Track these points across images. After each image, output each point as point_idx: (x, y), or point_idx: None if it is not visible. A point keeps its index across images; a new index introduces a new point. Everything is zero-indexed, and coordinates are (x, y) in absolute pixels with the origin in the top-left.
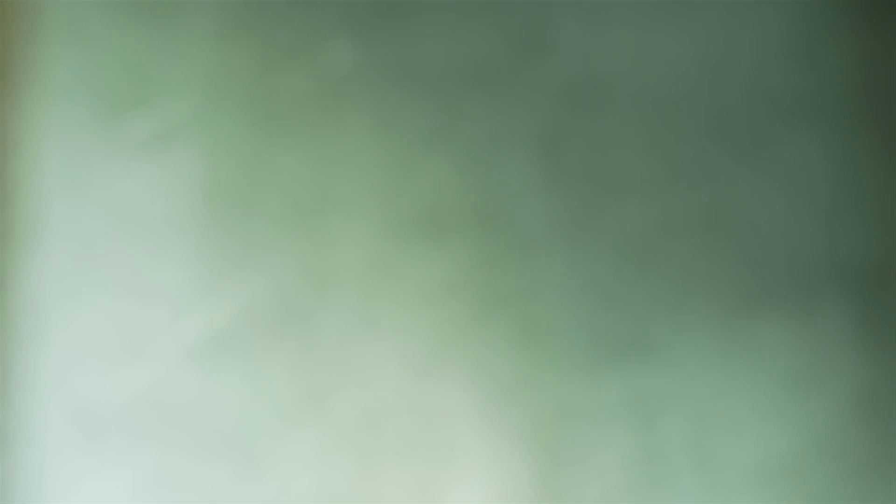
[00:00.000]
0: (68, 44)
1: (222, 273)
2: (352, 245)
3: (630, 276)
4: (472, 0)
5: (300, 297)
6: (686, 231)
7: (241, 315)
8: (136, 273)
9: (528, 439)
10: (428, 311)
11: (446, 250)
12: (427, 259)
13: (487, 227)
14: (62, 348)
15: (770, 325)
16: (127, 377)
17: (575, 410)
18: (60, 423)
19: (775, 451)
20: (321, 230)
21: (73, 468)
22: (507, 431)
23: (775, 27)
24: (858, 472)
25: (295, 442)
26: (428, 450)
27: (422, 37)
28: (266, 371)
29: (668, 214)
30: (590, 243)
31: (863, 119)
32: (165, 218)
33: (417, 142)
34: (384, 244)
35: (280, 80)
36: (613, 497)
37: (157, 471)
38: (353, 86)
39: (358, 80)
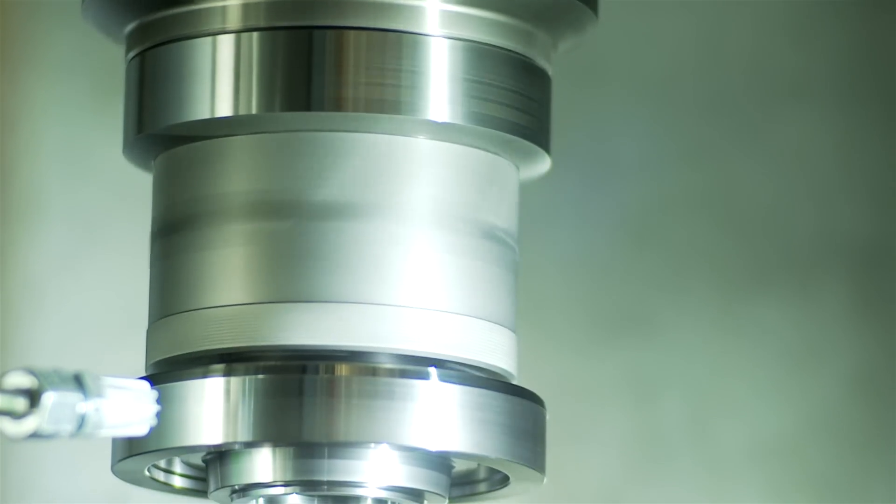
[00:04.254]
0: (67, 21)
1: None
2: None
3: (628, 255)
4: None
5: None
6: (685, 209)
7: None
8: (135, 252)
9: None
10: None
11: None
12: None
13: None
14: (61, 327)
15: (769, 303)
16: (126, 356)
17: (572, 388)
18: None
19: (773, 429)
20: None
21: (69, 448)
22: None
23: (774, 5)
24: (856, 449)
25: None
26: None
27: None
28: None
29: (666, 193)
30: (588, 222)
31: (863, 98)
32: None
33: None
34: None
35: None
36: (611, 475)
37: None
38: None
39: None
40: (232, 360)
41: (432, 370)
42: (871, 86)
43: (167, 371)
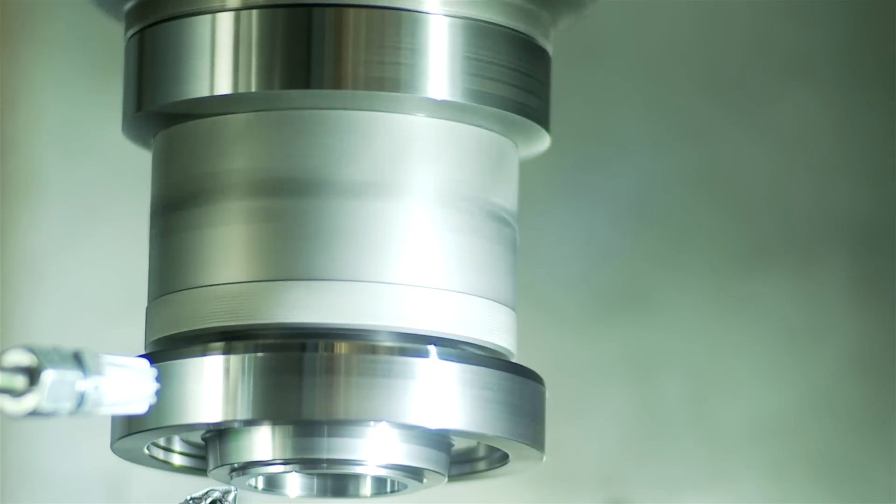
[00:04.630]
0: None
1: None
2: None
3: (628, 233)
4: None
5: None
6: (684, 188)
7: None
8: (135, 230)
9: None
10: None
11: None
12: None
13: None
14: (60, 305)
15: (768, 281)
16: (125, 334)
17: (571, 366)
18: None
19: (773, 407)
20: None
21: (68, 426)
22: None
23: None
24: (856, 428)
25: None
26: None
27: None
28: None
29: (665, 171)
30: (587, 200)
31: (862, 76)
32: None
33: None
34: None
35: None
36: (610, 453)
37: None
38: None
39: None
40: (231, 338)
41: (432, 348)
42: (870, 64)
43: (167, 349)
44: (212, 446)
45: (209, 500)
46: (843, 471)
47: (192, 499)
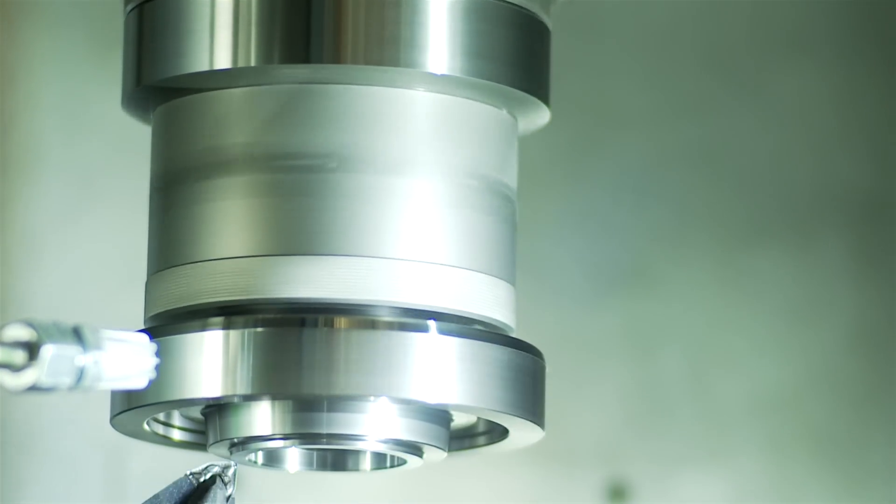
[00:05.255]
0: None
1: None
2: None
3: (628, 208)
4: None
5: None
6: (684, 162)
7: None
8: (134, 205)
9: None
10: None
11: None
12: None
13: None
14: (59, 280)
15: (768, 256)
16: (125, 309)
17: (572, 341)
18: None
19: (773, 382)
20: None
21: (68, 401)
22: None
23: None
24: (856, 402)
25: None
26: None
27: None
28: None
29: (666, 146)
30: (587, 175)
31: (862, 51)
32: None
33: None
34: None
35: None
36: (610, 427)
37: None
38: None
39: None
40: (231, 313)
41: (431, 323)
42: (870, 39)
43: (166, 324)
44: (211, 421)
45: (209, 474)
46: (842, 445)
47: (191, 473)
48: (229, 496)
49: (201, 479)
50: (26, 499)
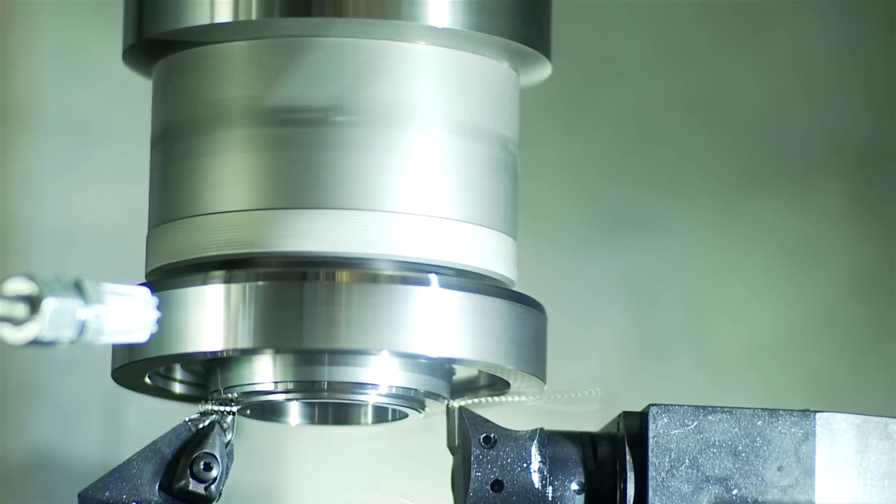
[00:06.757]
0: None
1: None
2: None
3: (627, 154)
4: None
5: None
6: (683, 110)
7: None
8: (134, 155)
9: None
10: None
11: None
12: None
13: None
14: (59, 232)
15: (767, 203)
16: (124, 261)
17: (570, 288)
18: None
19: (771, 329)
20: None
21: (68, 353)
22: None
23: None
24: (855, 348)
25: None
26: None
27: None
28: None
29: (665, 93)
30: (586, 121)
31: None
32: None
33: None
34: None
35: None
36: (609, 374)
37: None
38: None
39: None
40: (232, 266)
41: (433, 276)
42: None
43: (167, 277)
44: (212, 375)
45: (207, 421)
46: (841, 392)
47: (190, 420)
48: (228, 443)
49: (200, 426)
50: (25, 445)
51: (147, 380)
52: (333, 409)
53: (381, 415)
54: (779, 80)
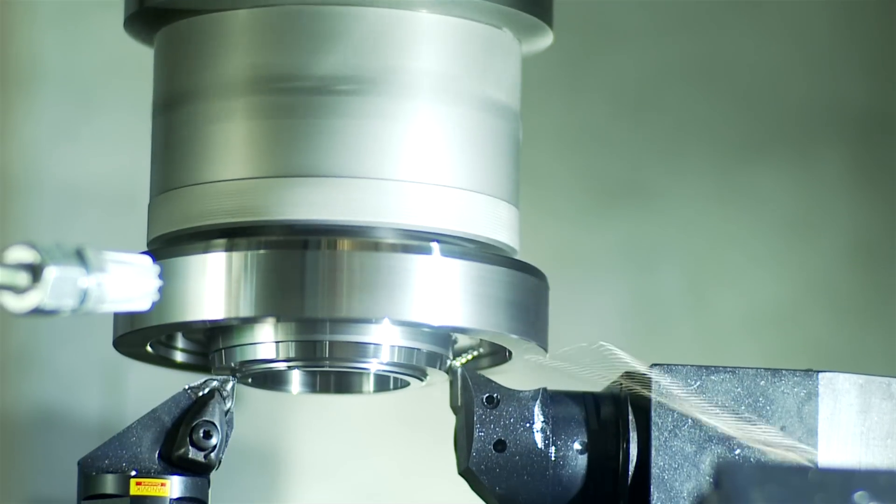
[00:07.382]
0: None
1: None
2: None
3: (626, 124)
4: None
5: None
6: (682, 79)
7: None
8: (135, 122)
9: None
10: None
11: None
12: None
13: None
14: (59, 200)
15: (767, 171)
16: (125, 229)
17: (570, 257)
18: None
19: (771, 297)
20: None
21: (69, 321)
22: None
23: None
24: (854, 316)
25: None
26: None
27: None
28: None
29: (664, 62)
30: (586, 91)
31: None
32: None
33: None
34: None
35: None
36: (609, 342)
37: None
38: None
39: None
40: (234, 235)
41: (434, 245)
42: None
43: (169, 246)
44: (214, 343)
45: (207, 389)
46: (840, 360)
47: (190, 388)
48: (228, 410)
49: (199, 394)
50: (23, 413)
51: (149, 348)
52: (335, 378)
53: (382, 383)
54: (778, 49)
